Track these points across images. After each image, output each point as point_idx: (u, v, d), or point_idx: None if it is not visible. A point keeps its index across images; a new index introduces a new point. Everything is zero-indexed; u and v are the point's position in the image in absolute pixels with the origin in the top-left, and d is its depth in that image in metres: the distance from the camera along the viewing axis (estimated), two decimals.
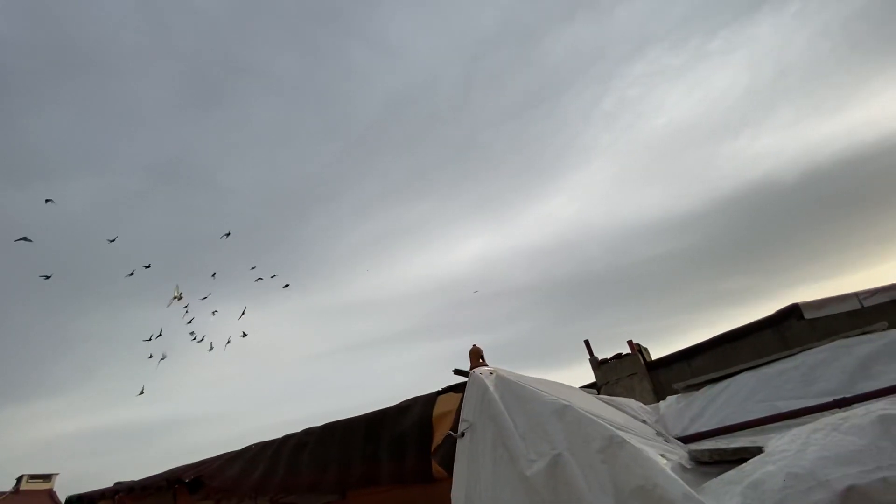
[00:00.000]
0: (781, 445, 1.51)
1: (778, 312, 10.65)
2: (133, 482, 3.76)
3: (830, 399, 3.11)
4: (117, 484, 4.15)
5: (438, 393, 2.76)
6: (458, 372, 2.62)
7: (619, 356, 13.54)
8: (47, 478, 23.27)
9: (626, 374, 13.19)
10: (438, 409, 2.65)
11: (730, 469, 1.60)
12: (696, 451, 1.92)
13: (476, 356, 6.62)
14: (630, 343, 13.65)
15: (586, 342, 14.68)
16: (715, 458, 1.74)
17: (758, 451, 1.60)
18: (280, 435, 3.27)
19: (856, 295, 9.33)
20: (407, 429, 2.66)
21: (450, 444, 2.29)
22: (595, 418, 1.92)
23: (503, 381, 2.45)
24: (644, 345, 13.56)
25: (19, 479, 22.63)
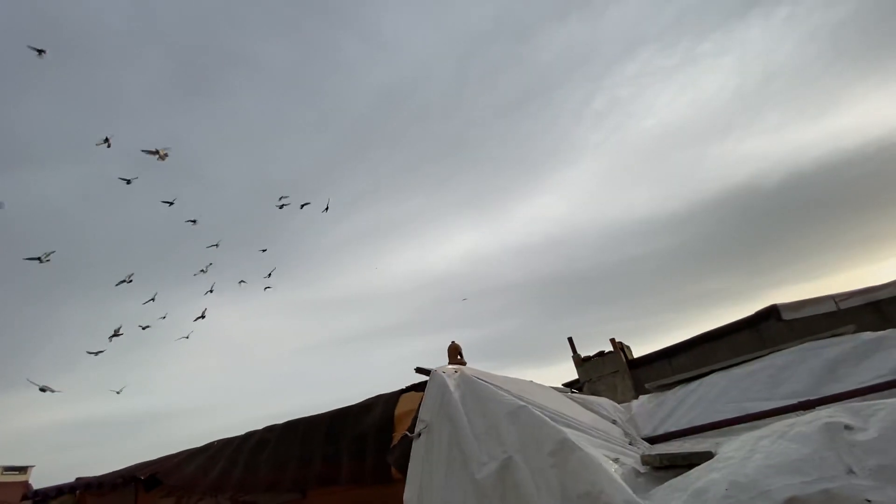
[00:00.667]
0: (729, 452, 1.48)
1: (757, 313, 10.80)
2: (92, 478, 3.65)
3: (796, 401, 3.13)
4: (78, 479, 4.03)
5: (401, 391, 2.71)
6: (419, 370, 2.56)
7: (601, 354, 13.63)
8: (23, 470, 22.81)
9: (608, 371, 13.29)
10: (401, 408, 2.60)
11: (681, 473, 1.57)
12: (648, 456, 1.88)
13: (454, 352, 6.57)
14: (613, 341, 13.74)
15: (570, 339, 14.68)
16: (665, 463, 1.71)
17: (708, 456, 1.57)
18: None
19: (832, 297, 9.48)
20: (368, 428, 2.60)
21: (405, 445, 2.24)
22: (549, 420, 1.87)
23: (466, 381, 2.40)
24: (628, 343, 13.63)
25: None
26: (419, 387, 2.69)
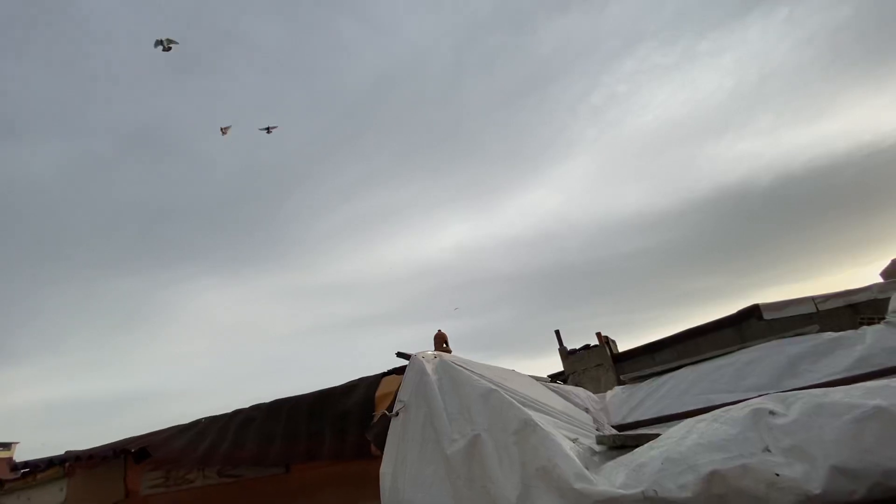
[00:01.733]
0: (670, 433, 1.65)
1: (739, 312, 11.07)
2: (81, 451, 3.78)
3: (756, 394, 3.33)
4: (67, 453, 4.16)
5: (383, 374, 2.85)
6: (400, 355, 2.71)
7: (587, 347, 13.90)
8: (7, 446, 22.84)
9: (593, 364, 13.57)
10: (382, 390, 2.74)
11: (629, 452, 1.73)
12: (601, 436, 2.05)
13: (440, 341, 6.75)
14: (599, 335, 13.99)
15: (556, 332, 14.94)
16: (618, 443, 1.87)
17: (654, 437, 1.73)
18: None
19: (812, 299, 9.77)
20: (350, 407, 2.75)
21: (384, 423, 2.39)
22: (516, 403, 2.03)
23: (444, 366, 2.54)
24: (615, 337, 13.89)
25: None
26: (400, 371, 2.83)
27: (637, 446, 1.73)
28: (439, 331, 7.05)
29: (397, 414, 2.33)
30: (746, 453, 1.33)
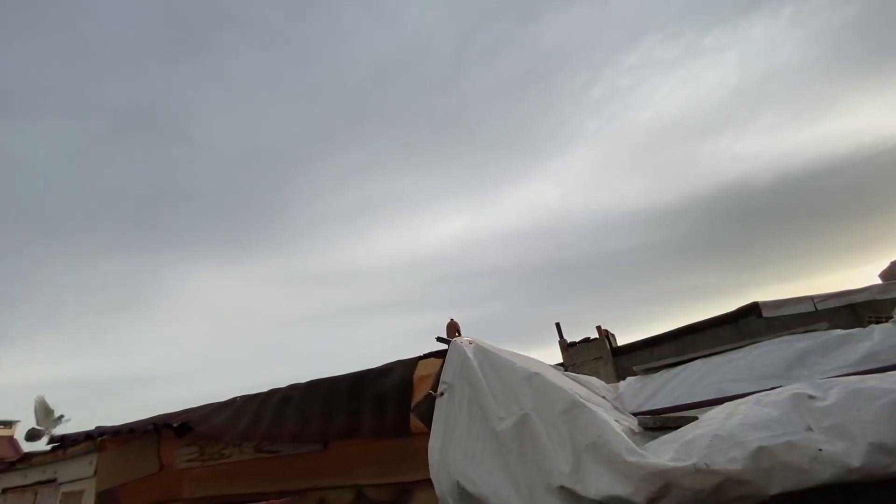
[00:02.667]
0: (712, 415, 1.79)
1: (739, 309, 11.27)
2: (119, 426, 3.91)
3: (769, 385, 3.49)
4: (99, 428, 4.29)
5: (419, 358, 2.99)
6: (440, 339, 2.84)
7: (587, 340, 14.12)
8: (8, 425, 22.96)
9: (592, 357, 13.79)
10: (418, 373, 2.88)
11: (669, 433, 1.87)
12: (643, 417, 2.20)
13: (453, 330, 6.93)
14: (599, 328, 14.20)
15: (557, 325, 15.11)
16: (658, 423, 2.02)
17: (694, 419, 1.88)
18: None
19: (811, 298, 9.96)
20: (388, 388, 2.89)
21: (429, 402, 2.53)
22: (560, 385, 2.17)
23: (481, 350, 2.68)
24: (611, 332, 14.12)
25: None
26: (435, 354, 2.97)
27: (678, 427, 1.87)
28: (451, 320, 7.17)
29: (442, 394, 2.46)
30: (790, 431, 1.47)
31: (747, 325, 10.60)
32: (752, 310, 10.41)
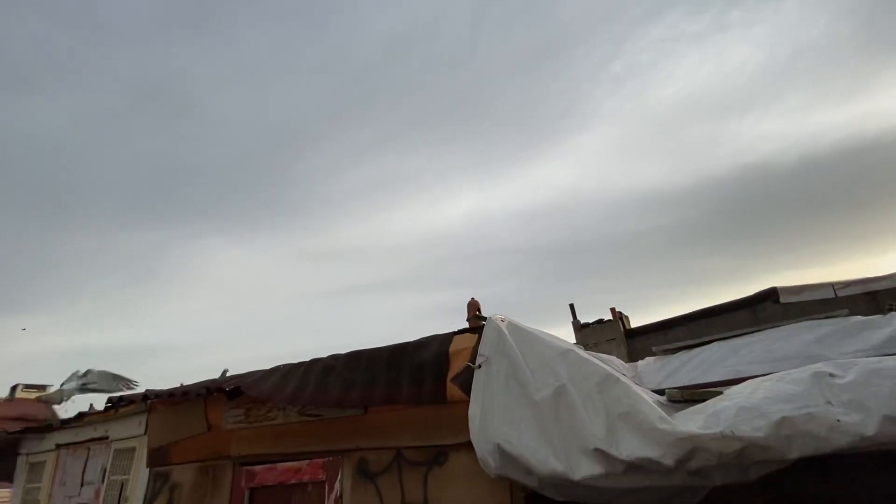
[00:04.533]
0: (737, 390, 1.96)
1: (756, 294, 11.25)
2: (172, 389, 4.23)
3: (785, 368, 3.63)
4: (148, 391, 4.63)
5: (454, 333, 3.19)
6: (478, 317, 3.04)
7: (600, 321, 14.27)
8: (41, 388, 24.20)
9: (605, 338, 13.95)
10: (453, 347, 3.09)
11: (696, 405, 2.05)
12: (670, 390, 2.37)
13: (473, 308, 7.12)
14: (613, 310, 14.32)
15: (571, 306, 15.29)
16: (686, 397, 2.19)
17: (719, 394, 2.04)
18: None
19: (831, 284, 9.90)
20: (426, 360, 3.10)
21: (468, 373, 2.74)
22: (593, 360, 2.35)
23: (514, 328, 2.87)
24: (624, 314, 14.21)
25: (14, 388, 23.46)
26: (469, 330, 3.17)
27: (703, 401, 2.04)
28: (472, 299, 7.40)
29: (480, 366, 2.67)
30: (811, 404, 1.63)
31: (763, 310, 10.58)
32: (770, 295, 10.38)
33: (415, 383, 3.08)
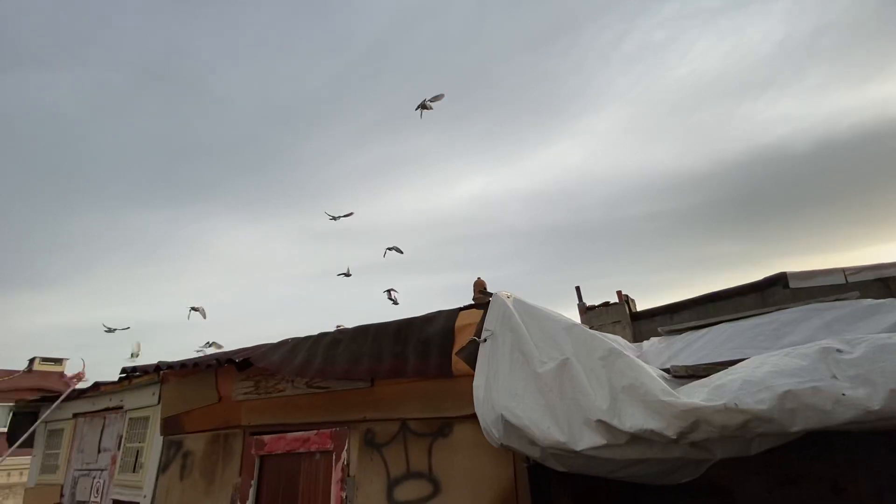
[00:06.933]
0: (743, 364, 1.95)
1: (765, 279, 11.16)
2: (184, 361, 4.33)
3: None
4: (160, 362, 4.74)
5: (460, 309, 3.21)
6: (483, 292, 3.06)
7: (606, 304, 14.28)
8: (58, 361, 24.89)
9: (610, 321, 13.97)
10: (459, 322, 3.11)
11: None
12: (675, 366, 2.38)
13: (479, 286, 7.14)
14: (619, 293, 14.31)
15: (577, 288, 15.29)
16: (690, 372, 2.20)
17: (724, 369, 2.05)
18: None
19: (842, 270, 9.78)
20: (432, 334, 3.14)
21: (473, 347, 2.76)
22: (598, 335, 2.35)
23: (520, 303, 2.87)
24: (630, 297, 14.22)
25: (32, 361, 24.15)
26: (474, 306, 3.19)
27: (707, 376, 2.04)
28: (479, 278, 7.41)
29: (485, 340, 2.69)
30: (817, 378, 1.63)
31: (772, 295, 10.49)
32: (779, 280, 10.28)
33: (421, 357, 3.12)
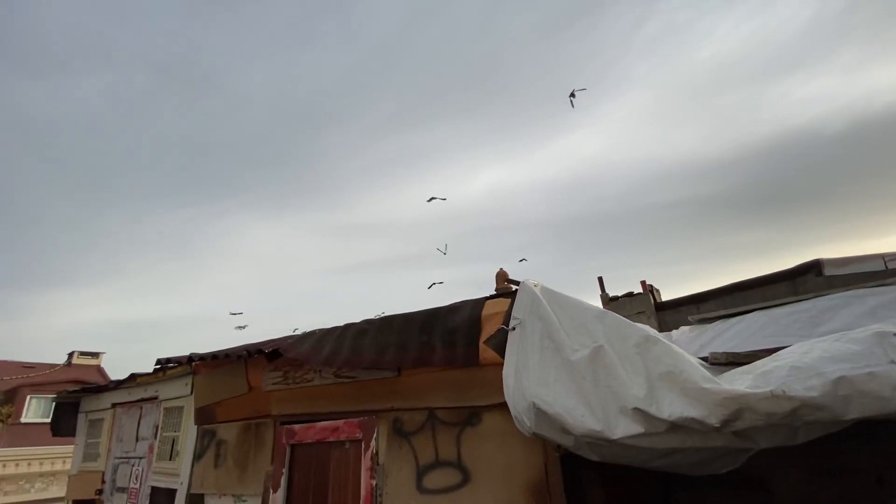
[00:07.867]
0: (789, 350, 1.87)
1: (798, 266, 10.77)
2: (214, 352, 4.43)
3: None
4: (192, 354, 4.87)
5: (486, 298, 3.18)
6: (510, 281, 3.01)
7: (630, 294, 14.05)
8: (95, 355, 25.94)
9: (634, 311, 13.74)
10: (486, 311, 3.08)
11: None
12: (714, 353, 2.30)
13: (502, 278, 7.08)
14: (643, 283, 14.07)
15: (599, 279, 15.08)
16: (730, 359, 2.12)
17: (767, 355, 1.97)
18: None
19: (881, 256, 9.36)
20: (458, 324, 3.12)
21: (501, 335, 2.73)
22: (631, 322, 2.29)
23: (548, 291, 2.82)
24: (655, 287, 13.96)
25: (71, 355, 25.22)
26: (501, 295, 3.15)
27: (750, 363, 1.97)
28: (501, 269, 7.36)
29: (514, 328, 2.66)
30: (873, 364, 1.54)
31: (804, 283, 10.12)
32: (813, 267, 9.90)
33: (447, 346, 3.11)
